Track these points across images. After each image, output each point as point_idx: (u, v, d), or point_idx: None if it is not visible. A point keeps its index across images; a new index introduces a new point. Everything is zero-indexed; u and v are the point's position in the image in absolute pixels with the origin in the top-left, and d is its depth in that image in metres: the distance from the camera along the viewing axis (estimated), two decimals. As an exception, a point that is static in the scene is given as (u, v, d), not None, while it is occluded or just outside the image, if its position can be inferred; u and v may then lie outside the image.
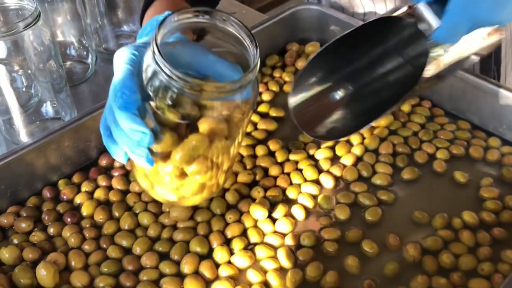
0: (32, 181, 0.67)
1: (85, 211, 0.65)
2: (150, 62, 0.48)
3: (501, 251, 0.60)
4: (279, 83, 0.85)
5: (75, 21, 0.87)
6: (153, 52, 0.46)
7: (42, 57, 0.71)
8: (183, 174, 0.54)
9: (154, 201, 0.65)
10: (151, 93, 0.49)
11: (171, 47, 0.52)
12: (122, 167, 0.71)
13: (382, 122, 0.76)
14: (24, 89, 0.75)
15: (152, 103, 0.49)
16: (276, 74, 0.87)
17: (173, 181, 0.55)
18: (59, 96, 0.77)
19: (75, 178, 0.69)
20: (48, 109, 0.78)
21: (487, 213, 0.64)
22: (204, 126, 0.50)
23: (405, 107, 0.79)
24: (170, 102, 0.48)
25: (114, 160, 0.71)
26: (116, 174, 0.69)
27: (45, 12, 0.81)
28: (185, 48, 0.53)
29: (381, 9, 0.87)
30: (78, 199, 0.67)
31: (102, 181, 0.69)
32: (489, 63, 0.89)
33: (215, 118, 0.50)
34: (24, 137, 0.76)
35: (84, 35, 0.88)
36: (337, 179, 0.69)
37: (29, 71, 0.73)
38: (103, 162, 0.71)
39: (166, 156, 0.52)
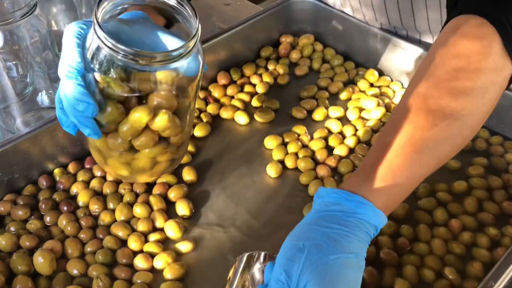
0: (29, 169, 0.68)
1: (81, 200, 0.66)
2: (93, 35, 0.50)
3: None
4: (273, 75, 0.86)
5: (70, 10, 0.87)
6: (93, 25, 0.49)
7: (38, 46, 0.72)
8: (132, 148, 0.55)
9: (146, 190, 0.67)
10: (95, 66, 0.50)
11: (124, 23, 0.54)
12: (118, 156, 0.71)
13: (374, 113, 0.77)
14: (19, 78, 0.75)
15: (98, 76, 0.51)
16: (270, 66, 0.88)
17: (123, 155, 0.56)
18: (55, 86, 0.77)
19: (71, 167, 0.70)
20: (43, 98, 0.78)
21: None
22: (150, 99, 0.52)
23: (398, 99, 0.80)
24: (114, 75, 0.50)
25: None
26: (112, 163, 0.70)
27: (40, 1, 0.81)
28: (138, 25, 0.55)
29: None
30: (74, 188, 0.67)
31: (97, 170, 0.69)
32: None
33: (160, 91, 0.51)
34: (20, 126, 0.76)
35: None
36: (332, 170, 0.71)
37: (25, 60, 0.73)
38: (99, 151, 0.72)
39: (114, 130, 0.54)
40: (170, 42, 0.54)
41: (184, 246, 0.61)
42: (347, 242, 0.46)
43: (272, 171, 0.70)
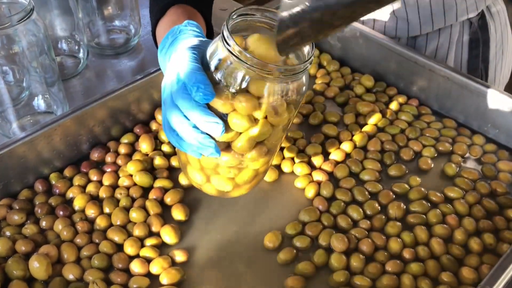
0: (24, 174, 0.68)
1: (77, 204, 0.66)
2: (217, 52, 0.50)
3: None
4: (270, 80, 0.86)
5: (67, 15, 0.87)
6: (224, 38, 0.49)
7: (35, 51, 0.72)
8: (242, 162, 0.56)
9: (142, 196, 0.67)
10: (222, 82, 0.51)
11: None
12: (114, 163, 0.71)
13: (370, 119, 0.78)
14: (15, 82, 0.75)
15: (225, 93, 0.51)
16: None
17: (232, 170, 0.57)
18: (51, 90, 0.77)
19: (67, 172, 0.70)
20: (40, 102, 0.78)
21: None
22: (268, 113, 0.51)
23: (394, 105, 0.81)
24: (242, 86, 0.50)
25: (105, 154, 0.72)
26: (108, 170, 0.70)
27: (37, 6, 0.81)
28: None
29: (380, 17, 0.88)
30: (70, 193, 0.67)
31: (93, 175, 0.69)
32: (477, 62, 0.91)
33: (278, 105, 0.51)
34: (15, 131, 0.76)
35: (75, 29, 0.88)
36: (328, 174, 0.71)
37: (21, 65, 0.73)
38: (95, 156, 0.72)
39: (227, 146, 0.54)
40: None
41: (179, 257, 0.61)
42: None
43: (267, 176, 0.70)
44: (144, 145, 0.72)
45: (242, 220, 0.66)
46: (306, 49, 0.53)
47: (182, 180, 0.69)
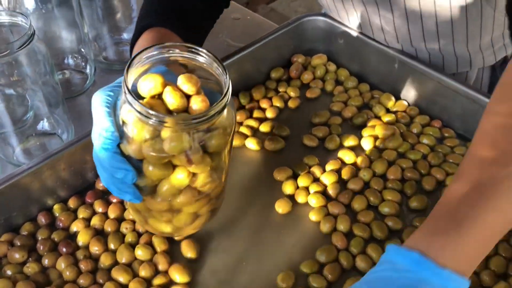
0: (27, 206, 0.65)
1: (81, 239, 0.63)
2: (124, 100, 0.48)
3: None
4: (284, 98, 0.82)
5: (73, 29, 0.83)
6: (125, 94, 0.47)
7: (37, 74, 0.68)
8: (172, 207, 0.54)
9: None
10: (129, 132, 0.49)
11: None
12: (120, 191, 0.68)
13: (390, 144, 0.73)
14: (18, 106, 0.72)
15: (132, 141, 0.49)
16: (281, 88, 0.84)
17: (164, 215, 0.55)
18: (55, 113, 0.74)
19: (71, 203, 0.67)
20: (44, 126, 0.75)
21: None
22: (188, 158, 0.49)
23: (416, 128, 0.76)
24: (147, 136, 0.48)
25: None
26: (114, 200, 0.67)
27: (40, 20, 0.78)
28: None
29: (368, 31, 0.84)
30: (74, 227, 0.64)
31: (99, 207, 0.66)
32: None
33: (195, 149, 0.49)
34: (19, 156, 0.74)
35: (82, 43, 0.85)
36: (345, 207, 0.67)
37: (24, 88, 0.70)
38: (100, 185, 0.69)
39: (153, 190, 0.52)
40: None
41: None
42: None
43: (280, 208, 0.67)
44: (152, 174, 0.69)
45: (254, 257, 0.63)
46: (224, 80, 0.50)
47: (191, 212, 0.66)
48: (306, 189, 0.69)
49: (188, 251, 0.62)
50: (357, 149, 0.75)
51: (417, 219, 0.65)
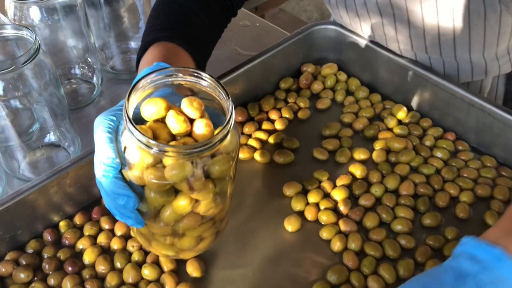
0: (33, 223, 0.64)
1: (87, 258, 0.62)
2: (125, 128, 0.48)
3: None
4: (293, 109, 0.81)
5: (79, 38, 0.82)
6: (126, 122, 0.46)
7: (42, 87, 0.67)
8: (175, 231, 0.53)
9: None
10: (131, 158, 0.48)
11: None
12: (127, 207, 0.67)
13: (403, 158, 0.72)
14: (24, 119, 0.71)
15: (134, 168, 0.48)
16: (290, 99, 0.82)
17: (167, 238, 0.54)
18: (61, 126, 0.73)
19: (77, 219, 0.66)
20: (50, 138, 0.74)
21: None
22: (191, 185, 0.48)
23: (429, 141, 0.75)
24: (148, 163, 0.47)
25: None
26: (120, 216, 0.66)
27: (47, 30, 0.77)
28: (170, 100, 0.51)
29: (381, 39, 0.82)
30: (80, 244, 0.63)
31: (105, 223, 0.65)
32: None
33: (198, 176, 0.48)
34: (25, 170, 0.73)
35: (89, 53, 0.84)
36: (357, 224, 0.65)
37: (30, 102, 0.69)
38: (107, 200, 0.68)
39: (156, 214, 0.51)
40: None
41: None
42: None
43: (289, 225, 0.65)
44: (159, 189, 0.68)
45: (263, 276, 0.61)
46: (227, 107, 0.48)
47: (198, 230, 0.65)
48: (316, 205, 0.67)
49: (194, 270, 0.61)
50: (368, 163, 0.73)
51: (430, 237, 0.63)
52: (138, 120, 0.47)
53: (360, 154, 0.73)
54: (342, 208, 0.67)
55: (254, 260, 0.63)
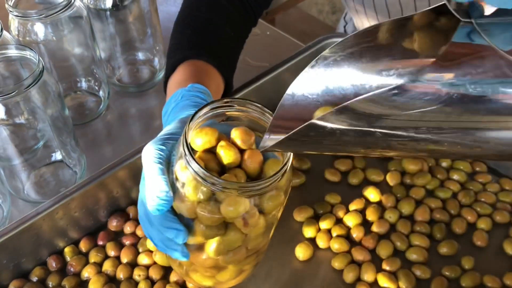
0: (37, 250, 0.63)
1: (92, 287, 0.60)
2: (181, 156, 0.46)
3: None
4: (305, 126, 0.78)
5: (85, 51, 0.80)
6: (186, 155, 0.44)
7: (46, 107, 0.66)
8: (219, 264, 0.51)
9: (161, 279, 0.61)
10: (184, 192, 0.46)
11: None
12: (133, 233, 0.65)
13: (418, 180, 0.69)
14: (28, 139, 0.70)
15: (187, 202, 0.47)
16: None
17: (209, 270, 0.52)
18: (66, 145, 0.71)
19: (83, 245, 0.64)
20: (56, 157, 0.72)
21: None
22: (243, 220, 0.46)
23: (445, 160, 0.72)
24: (202, 197, 0.45)
25: (124, 224, 0.66)
26: (127, 242, 0.64)
27: (52, 44, 0.75)
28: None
29: None
30: (85, 272, 0.62)
31: (111, 250, 0.64)
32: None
33: (252, 212, 0.46)
34: (29, 191, 0.71)
35: (94, 65, 0.82)
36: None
37: (34, 123, 0.67)
38: (113, 225, 0.66)
39: (201, 247, 0.49)
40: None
41: None
42: None
43: (300, 254, 0.63)
44: (166, 213, 0.66)
45: (273, 307, 0.60)
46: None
47: (207, 257, 0.63)
48: (328, 231, 0.65)
49: (203, 301, 0.59)
50: (382, 185, 0.71)
51: (446, 268, 0.61)
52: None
53: (373, 176, 0.71)
54: (355, 235, 0.65)
55: (263, 291, 0.61)
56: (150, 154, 0.47)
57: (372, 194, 0.68)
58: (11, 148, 0.68)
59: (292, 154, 0.46)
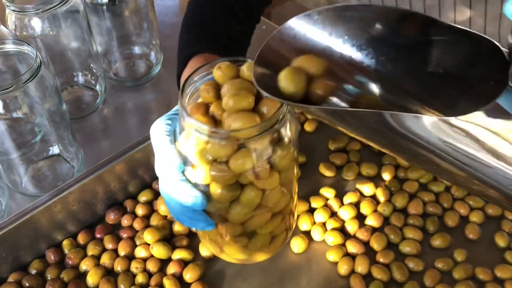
0: (36, 243, 0.63)
1: (90, 280, 0.61)
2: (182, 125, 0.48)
3: None
4: (300, 120, 0.79)
5: (82, 45, 0.80)
6: (181, 114, 0.46)
7: (43, 102, 0.66)
8: (246, 229, 0.52)
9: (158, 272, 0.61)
10: (192, 156, 0.47)
11: None
12: (130, 226, 0.66)
13: (412, 174, 0.70)
14: (25, 133, 0.70)
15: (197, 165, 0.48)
16: (297, 109, 0.81)
17: (239, 240, 0.53)
18: (63, 139, 0.72)
19: (81, 238, 0.65)
20: (53, 151, 0.73)
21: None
22: (255, 175, 0.47)
23: (437, 155, 0.73)
24: (210, 157, 0.46)
25: (121, 217, 0.67)
26: (124, 235, 0.65)
27: (49, 38, 0.75)
28: None
29: None
30: (83, 265, 0.63)
31: (108, 243, 0.64)
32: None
33: (262, 164, 0.47)
34: (27, 184, 0.72)
35: (91, 59, 0.82)
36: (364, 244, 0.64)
37: (31, 117, 0.68)
38: (111, 218, 0.67)
39: (225, 217, 0.50)
40: None
41: None
42: None
43: (296, 246, 0.64)
44: (163, 207, 0.67)
45: (268, 299, 0.61)
46: None
47: (203, 250, 0.64)
48: (323, 225, 0.66)
49: (200, 294, 0.60)
50: (376, 178, 0.72)
51: (439, 260, 0.62)
52: None
53: (368, 170, 0.72)
54: (349, 228, 0.65)
55: (259, 283, 0.62)
56: (158, 128, 0.49)
57: (366, 187, 0.69)
58: (9, 142, 0.68)
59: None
